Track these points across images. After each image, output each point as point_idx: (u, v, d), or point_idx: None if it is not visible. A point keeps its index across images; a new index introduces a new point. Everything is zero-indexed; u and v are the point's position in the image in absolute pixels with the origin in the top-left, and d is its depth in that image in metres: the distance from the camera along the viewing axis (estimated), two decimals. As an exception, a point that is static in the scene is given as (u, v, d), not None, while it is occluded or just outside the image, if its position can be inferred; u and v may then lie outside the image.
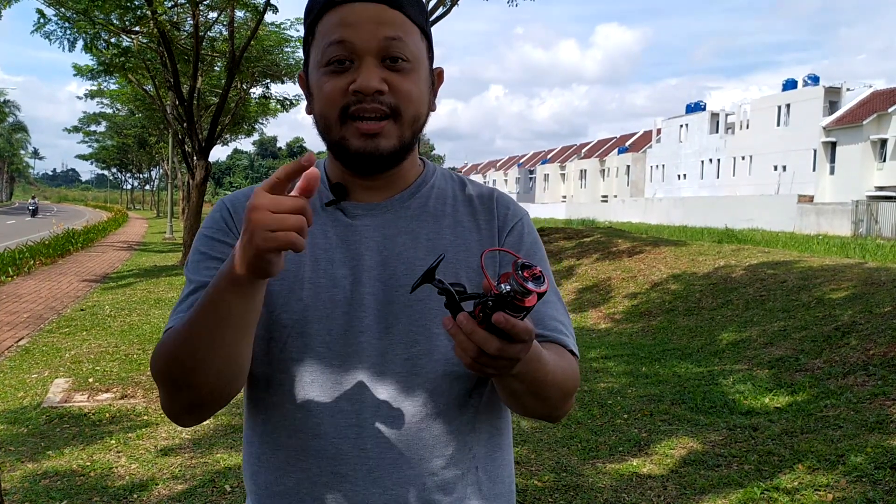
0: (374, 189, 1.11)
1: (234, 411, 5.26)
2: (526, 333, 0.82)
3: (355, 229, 1.09)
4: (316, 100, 1.06)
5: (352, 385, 1.04)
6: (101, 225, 30.79)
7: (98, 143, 63.03)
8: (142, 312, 9.89)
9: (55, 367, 6.67)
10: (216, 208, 1.14)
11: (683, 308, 9.04)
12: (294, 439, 1.06)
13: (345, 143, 1.04)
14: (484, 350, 0.82)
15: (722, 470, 4.10)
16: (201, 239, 1.11)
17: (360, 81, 1.00)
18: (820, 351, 6.28)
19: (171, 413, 1.03)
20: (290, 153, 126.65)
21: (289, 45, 19.98)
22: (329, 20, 1.03)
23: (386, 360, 1.04)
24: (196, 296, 1.04)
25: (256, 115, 29.88)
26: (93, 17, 14.51)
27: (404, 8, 1.04)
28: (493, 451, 1.13)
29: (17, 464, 4.23)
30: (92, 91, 28.85)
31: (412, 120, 1.05)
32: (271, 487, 1.08)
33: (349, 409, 1.04)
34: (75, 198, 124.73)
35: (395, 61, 1.02)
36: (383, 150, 1.03)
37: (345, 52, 1.01)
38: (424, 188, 1.14)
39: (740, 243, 15.36)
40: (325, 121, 1.05)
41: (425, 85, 1.08)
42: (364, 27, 1.01)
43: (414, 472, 1.05)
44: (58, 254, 17.37)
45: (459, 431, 1.08)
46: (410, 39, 1.04)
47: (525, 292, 0.80)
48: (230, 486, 3.92)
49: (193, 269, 1.08)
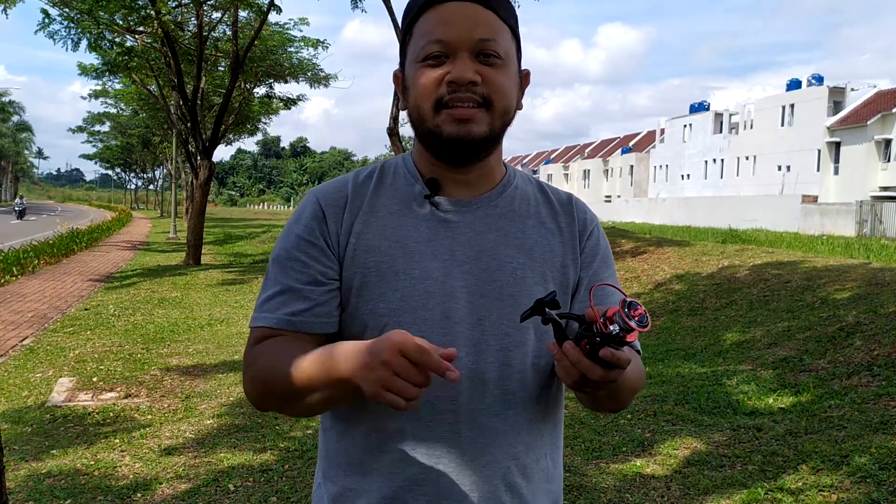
0: (465, 184, 1.17)
1: (236, 411, 5.26)
2: (626, 363, 0.92)
3: (447, 224, 1.14)
4: (411, 92, 1.13)
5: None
6: (105, 225, 30.82)
7: (102, 143, 63.16)
8: (146, 312, 9.91)
9: (59, 366, 6.68)
10: (306, 202, 1.18)
11: (687, 308, 9.03)
12: (391, 422, 1.12)
13: (438, 130, 1.10)
14: (587, 376, 0.93)
15: (726, 470, 4.09)
16: (291, 237, 1.15)
17: (455, 72, 1.07)
18: (824, 351, 6.27)
19: (256, 405, 1.14)
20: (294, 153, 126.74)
21: (292, 45, 20.01)
22: (427, 19, 1.10)
23: (479, 350, 1.11)
24: (284, 298, 1.12)
25: (259, 115, 29.94)
26: (97, 16, 14.54)
27: (497, 9, 1.11)
28: (555, 441, 1.23)
29: (21, 463, 4.24)
30: (96, 91, 29.02)
31: (503, 111, 1.11)
32: (364, 466, 1.14)
33: (444, 395, 1.10)
34: (79, 197, 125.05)
35: (488, 56, 1.09)
36: (475, 136, 1.09)
37: (441, 49, 1.08)
38: (510, 188, 1.20)
39: (744, 243, 15.34)
40: (418, 111, 1.11)
41: (514, 81, 1.14)
42: (460, 25, 1.08)
43: (501, 456, 1.13)
44: (62, 253, 17.39)
45: (536, 420, 1.17)
46: (502, 39, 1.11)
47: (629, 330, 0.89)
48: (234, 485, 3.92)
49: (281, 268, 1.14)
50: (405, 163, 1.21)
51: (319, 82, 22.03)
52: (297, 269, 1.12)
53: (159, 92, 23.01)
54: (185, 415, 5.22)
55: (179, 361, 6.96)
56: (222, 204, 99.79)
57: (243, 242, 25.83)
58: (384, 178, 1.19)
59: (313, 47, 19.62)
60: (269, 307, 1.12)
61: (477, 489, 1.12)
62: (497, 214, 1.17)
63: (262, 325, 1.12)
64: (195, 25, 15.92)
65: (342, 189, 1.17)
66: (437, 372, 0.91)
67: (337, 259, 1.13)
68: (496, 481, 1.13)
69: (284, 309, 1.11)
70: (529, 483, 1.16)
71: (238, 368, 6.63)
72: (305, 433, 4.76)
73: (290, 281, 1.12)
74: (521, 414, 1.14)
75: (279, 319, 1.11)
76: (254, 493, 3.82)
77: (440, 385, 1.08)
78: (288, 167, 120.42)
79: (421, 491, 1.11)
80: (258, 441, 4.61)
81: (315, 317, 1.11)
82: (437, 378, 1.05)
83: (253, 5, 15.09)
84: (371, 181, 1.19)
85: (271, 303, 1.12)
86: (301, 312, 1.11)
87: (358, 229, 1.14)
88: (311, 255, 1.12)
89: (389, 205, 1.16)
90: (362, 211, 1.15)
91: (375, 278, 1.11)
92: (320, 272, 1.12)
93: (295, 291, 1.11)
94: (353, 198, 1.16)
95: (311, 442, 4.59)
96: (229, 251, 22.33)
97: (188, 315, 9.75)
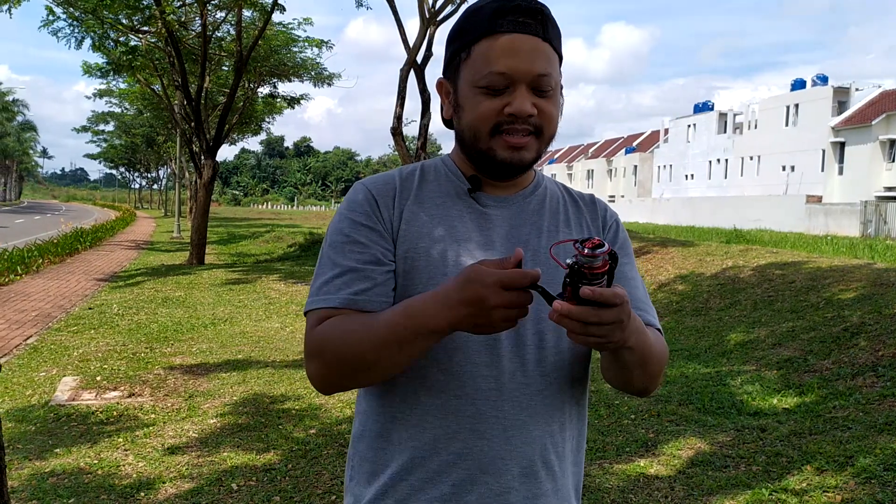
0: (502, 187, 1.27)
1: (239, 411, 5.27)
2: (615, 297, 0.96)
3: (488, 217, 1.24)
4: (467, 113, 1.20)
5: (492, 352, 1.18)
6: (109, 224, 30.88)
7: (106, 143, 63.33)
8: (149, 311, 9.92)
9: (63, 365, 6.69)
10: (358, 190, 1.25)
11: (691, 308, 9.02)
12: (435, 398, 1.18)
13: (492, 153, 1.19)
14: (586, 321, 0.96)
15: (730, 471, 4.08)
16: (346, 221, 1.21)
17: (516, 105, 1.15)
18: (829, 352, 6.25)
19: (323, 385, 1.17)
20: (298, 152, 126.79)
21: (296, 45, 20.02)
22: (490, 45, 1.16)
23: (519, 333, 1.18)
24: (345, 278, 1.16)
25: (263, 114, 29.97)
26: (101, 16, 14.56)
27: (552, 41, 1.19)
28: (581, 424, 1.30)
29: (24, 462, 4.24)
30: (100, 90, 29.04)
31: (550, 137, 1.22)
32: (406, 443, 1.19)
33: (489, 374, 1.17)
34: (84, 197, 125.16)
35: (543, 89, 1.17)
36: (526, 162, 1.20)
37: (503, 80, 1.16)
38: (540, 188, 1.31)
39: (748, 244, 15.29)
40: (475, 132, 1.20)
41: (559, 106, 1.24)
42: (523, 58, 1.15)
43: (539, 433, 1.20)
44: (66, 253, 17.42)
45: (568, 402, 1.24)
46: (554, 70, 1.19)
47: (592, 258, 0.94)
48: (237, 484, 3.92)
49: (339, 251, 1.19)
50: (445, 164, 1.30)
51: (323, 81, 22.05)
52: (357, 251, 1.18)
53: (163, 91, 23.03)
54: (189, 414, 5.22)
55: (183, 361, 6.96)
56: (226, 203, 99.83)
57: (247, 242, 25.85)
58: (426, 175, 1.28)
59: (317, 47, 19.64)
60: (329, 289, 1.16)
61: (517, 464, 1.18)
62: (531, 210, 1.27)
63: (325, 307, 1.15)
64: (199, 25, 15.91)
65: (390, 181, 1.25)
66: (526, 284, 0.98)
67: (392, 242, 1.20)
68: (535, 457, 1.19)
69: (347, 289, 1.16)
70: (561, 462, 1.24)
71: (241, 367, 6.63)
72: (308, 433, 4.76)
73: (350, 262, 1.17)
74: (556, 395, 1.22)
75: (343, 299, 1.15)
76: (257, 493, 3.82)
77: (485, 364, 1.17)
78: (291, 167, 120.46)
79: (464, 465, 1.17)
80: (262, 440, 4.61)
81: (377, 296, 1.16)
82: (482, 358, 1.17)
83: (257, 5, 15.10)
84: (415, 177, 1.27)
85: (331, 284, 1.17)
86: (364, 291, 1.16)
87: (408, 217, 1.22)
88: (370, 237, 1.19)
89: (435, 197, 1.25)
90: (410, 201, 1.23)
91: (425, 262, 1.19)
92: (381, 252, 1.18)
93: (357, 271, 1.17)
94: (401, 189, 1.24)
95: (315, 442, 4.59)
96: (233, 251, 22.35)
97: (192, 314, 9.76)
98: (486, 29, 1.17)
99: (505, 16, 1.16)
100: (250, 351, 7.45)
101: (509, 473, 1.17)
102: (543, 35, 1.17)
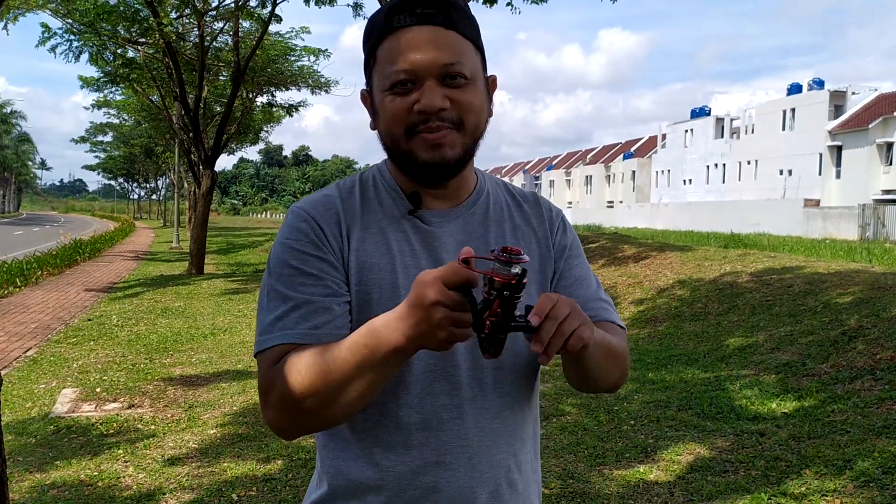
0: (442, 197, 1.20)
1: (239, 421, 5.27)
2: (559, 305, 0.96)
3: (434, 235, 1.18)
4: (381, 119, 1.14)
5: (450, 380, 1.14)
6: (108, 235, 30.89)
7: (105, 154, 63.38)
8: (149, 322, 9.93)
9: (63, 377, 6.70)
10: (297, 218, 1.16)
11: (690, 313, 9.02)
12: (396, 435, 1.14)
13: (413, 155, 1.12)
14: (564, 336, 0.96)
15: (729, 476, 4.08)
16: (289, 252, 1.13)
17: (424, 102, 1.08)
18: (827, 356, 6.26)
19: (281, 430, 1.10)
20: (296, 161, 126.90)
21: (293, 54, 20.06)
22: (389, 45, 1.11)
23: (475, 356, 1.13)
24: (301, 312, 1.09)
25: (261, 124, 30.02)
26: (99, 28, 14.61)
27: (458, 27, 1.11)
28: (536, 437, 1.29)
29: (24, 474, 4.25)
30: (98, 101, 29.01)
31: (473, 128, 1.14)
32: (368, 483, 1.15)
33: (450, 403, 1.14)
34: (82, 208, 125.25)
35: (455, 78, 1.10)
36: (449, 159, 1.12)
37: (407, 77, 1.09)
38: (483, 195, 1.25)
39: (746, 248, 15.32)
40: (392, 136, 1.14)
41: (483, 95, 1.16)
42: (424, 52, 1.08)
43: (503, 456, 1.18)
44: (65, 264, 17.43)
45: (527, 419, 1.23)
46: (467, 58, 1.12)
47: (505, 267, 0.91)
48: (237, 495, 3.93)
49: (289, 284, 1.11)
50: (382, 175, 1.22)
51: (321, 88, 22.09)
52: (311, 283, 1.10)
53: (161, 102, 23.05)
54: (189, 425, 5.22)
55: (182, 371, 6.97)
56: (225, 213, 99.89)
57: (246, 251, 25.85)
58: (366, 192, 1.20)
59: (314, 55, 19.70)
60: (285, 323, 1.09)
61: (485, 490, 1.16)
62: (476, 222, 1.22)
63: (283, 343, 1.07)
64: (197, 36, 15.97)
65: (331, 206, 1.17)
66: (460, 282, 0.92)
67: (344, 271, 1.14)
68: (500, 479, 1.18)
69: (306, 323, 1.08)
70: (523, 476, 1.22)
71: (241, 377, 6.63)
72: (309, 442, 4.76)
73: (304, 295, 1.09)
74: (516, 413, 1.20)
75: (303, 334, 1.08)
76: (258, 503, 3.82)
77: (445, 393, 1.14)
78: (290, 176, 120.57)
79: (433, 499, 1.13)
80: (262, 451, 4.62)
81: (337, 329, 1.09)
82: (441, 387, 1.13)
83: (254, 16, 15.16)
84: (355, 195, 1.20)
85: (287, 319, 1.09)
86: (324, 325, 1.09)
87: (355, 245, 1.15)
88: (321, 268, 1.12)
89: (379, 220, 1.18)
90: (355, 227, 1.16)
91: (378, 294, 1.13)
92: (334, 283, 1.12)
93: (313, 304, 1.09)
94: (344, 212, 1.17)
95: (314, 451, 4.59)
96: (232, 260, 22.35)
97: (191, 325, 9.76)
98: (384, 28, 1.11)
99: (402, 10, 1.10)
100: (250, 361, 7.45)
101: (478, 500, 1.15)
102: (447, 23, 1.09)
